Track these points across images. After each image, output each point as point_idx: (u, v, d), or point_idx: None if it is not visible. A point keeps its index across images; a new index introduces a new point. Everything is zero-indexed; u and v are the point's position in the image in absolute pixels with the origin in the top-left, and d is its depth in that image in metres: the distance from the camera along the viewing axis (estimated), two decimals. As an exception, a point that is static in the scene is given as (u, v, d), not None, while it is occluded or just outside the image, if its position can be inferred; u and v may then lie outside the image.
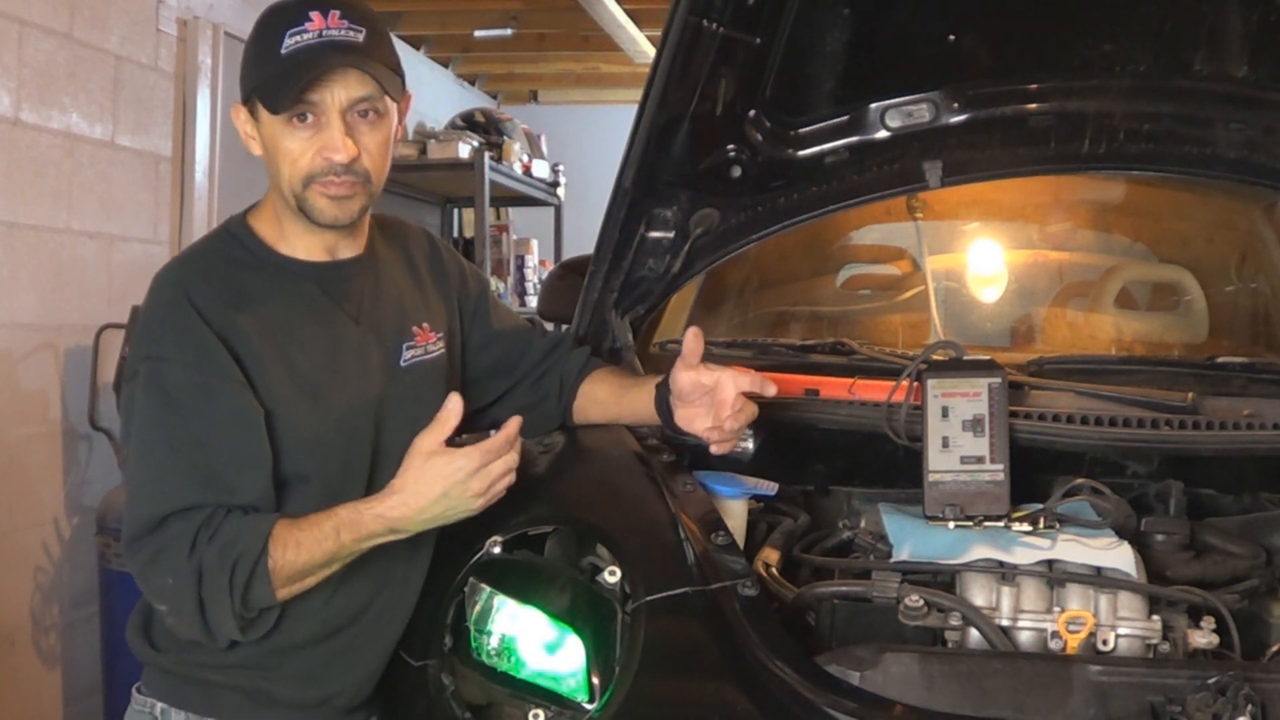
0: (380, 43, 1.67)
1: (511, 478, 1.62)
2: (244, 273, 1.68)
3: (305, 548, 1.56)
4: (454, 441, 1.63)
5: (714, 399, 1.78)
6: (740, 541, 1.78)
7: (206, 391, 1.58)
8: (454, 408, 1.60)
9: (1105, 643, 1.62)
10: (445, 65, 6.90)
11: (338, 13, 1.62)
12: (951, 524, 1.79)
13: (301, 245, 1.72)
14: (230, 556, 1.53)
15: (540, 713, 1.59)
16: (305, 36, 1.60)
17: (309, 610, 1.65)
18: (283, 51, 1.60)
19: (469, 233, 6.42)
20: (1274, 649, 1.68)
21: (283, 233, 1.72)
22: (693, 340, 1.78)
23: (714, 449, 1.80)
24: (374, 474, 1.71)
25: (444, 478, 1.57)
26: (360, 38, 1.63)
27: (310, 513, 1.59)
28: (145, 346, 1.62)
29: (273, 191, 1.71)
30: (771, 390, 1.80)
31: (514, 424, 1.63)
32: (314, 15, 1.61)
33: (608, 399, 1.99)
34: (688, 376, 1.79)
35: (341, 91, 1.62)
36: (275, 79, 1.60)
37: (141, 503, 1.58)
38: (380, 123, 1.68)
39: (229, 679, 1.67)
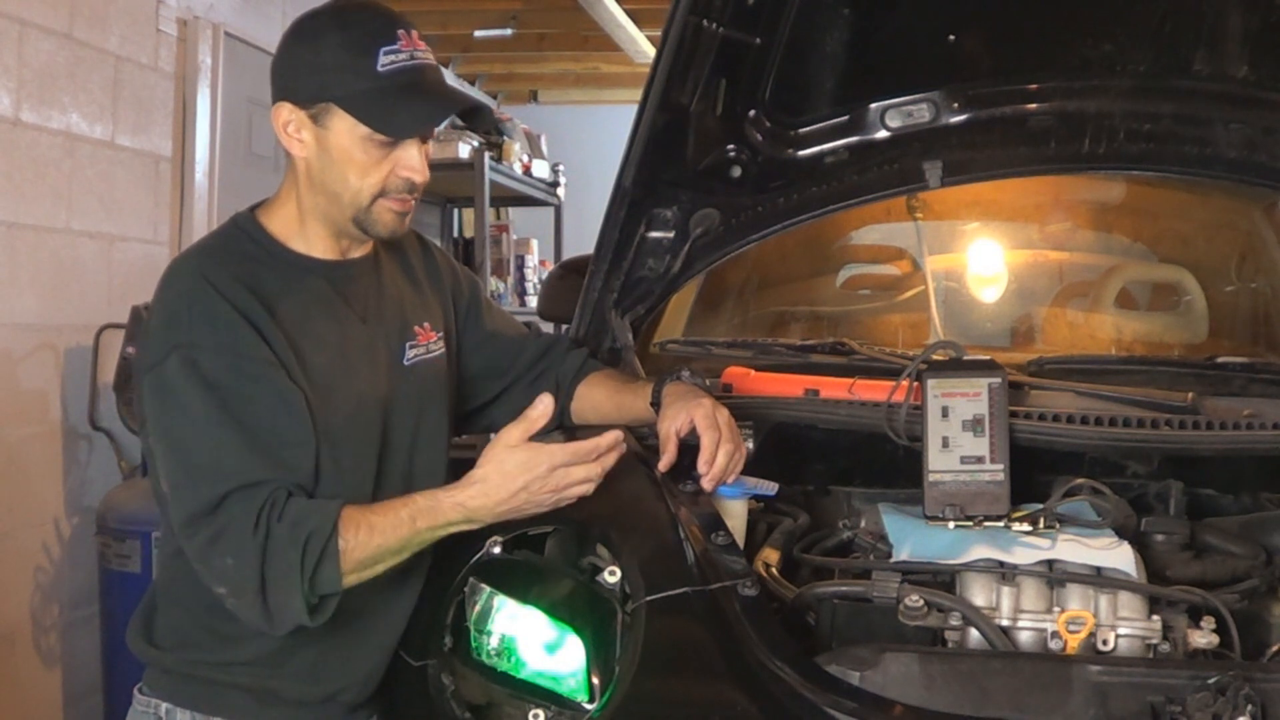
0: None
1: (588, 488, 1.61)
2: (256, 267, 1.68)
3: (379, 531, 1.54)
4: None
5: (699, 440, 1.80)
6: (740, 541, 1.78)
7: (247, 376, 1.57)
8: (544, 409, 1.60)
9: (1105, 643, 1.62)
10: (445, 65, 6.91)
11: (416, 32, 1.65)
12: (951, 524, 1.79)
13: (319, 244, 1.72)
14: (301, 534, 1.51)
15: (540, 713, 1.59)
16: (400, 57, 1.62)
17: (334, 606, 1.64)
18: (380, 69, 1.61)
19: (469, 233, 6.42)
20: (1274, 649, 1.68)
21: (301, 230, 1.72)
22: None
23: (704, 484, 1.80)
24: (380, 470, 1.71)
25: (527, 470, 1.57)
26: (434, 61, 1.67)
27: None
28: (172, 335, 1.59)
29: (303, 193, 1.70)
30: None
31: (610, 438, 1.62)
32: (400, 34, 1.63)
33: (603, 403, 1.99)
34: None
35: None
36: (379, 98, 1.61)
37: (198, 483, 1.55)
38: (428, 141, 1.71)
39: (233, 677, 1.67)
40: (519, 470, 1.57)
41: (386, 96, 1.61)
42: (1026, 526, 1.77)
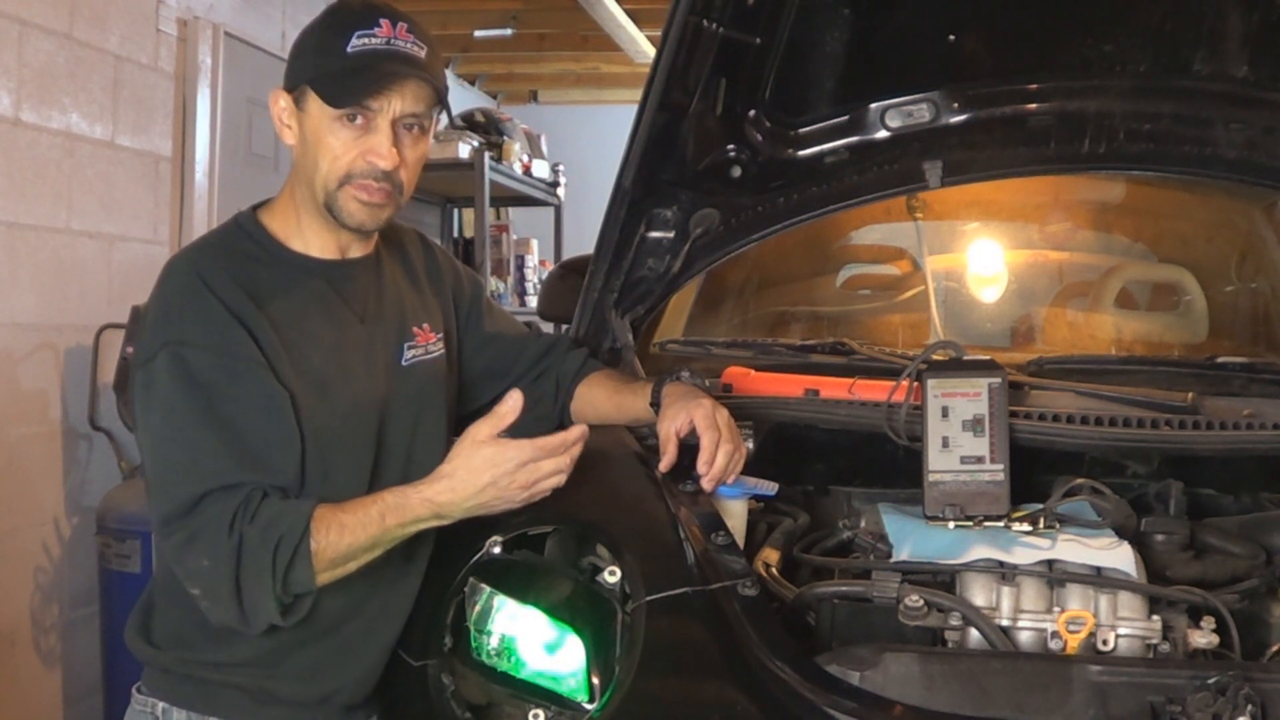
0: (438, 64, 1.71)
1: (559, 480, 1.61)
2: (255, 266, 1.68)
3: (349, 530, 1.55)
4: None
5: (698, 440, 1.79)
6: (740, 541, 1.78)
7: (234, 375, 1.57)
8: (513, 404, 1.60)
9: (1105, 643, 1.62)
10: (446, 65, 6.91)
11: (405, 26, 1.66)
12: (951, 524, 1.79)
13: (316, 242, 1.73)
14: (273, 536, 1.51)
15: (540, 713, 1.60)
16: (374, 41, 1.63)
17: (309, 605, 1.65)
18: (349, 50, 1.62)
19: (469, 233, 6.42)
20: (1274, 649, 1.68)
21: (298, 228, 1.72)
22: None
23: (704, 484, 1.80)
24: (376, 472, 1.71)
25: (494, 465, 1.57)
26: (423, 55, 1.67)
27: None
28: (164, 331, 1.59)
29: (295, 186, 1.72)
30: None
31: (576, 431, 1.62)
32: (384, 23, 1.64)
33: (603, 403, 1.99)
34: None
35: (398, 102, 1.65)
36: (339, 75, 1.63)
37: (176, 482, 1.56)
38: (421, 139, 1.71)
39: (230, 677, 1.67)
40: (486, 466, 1.57)
41: (346, 74, 1.62)
42: (1026, 526, 1.77)
